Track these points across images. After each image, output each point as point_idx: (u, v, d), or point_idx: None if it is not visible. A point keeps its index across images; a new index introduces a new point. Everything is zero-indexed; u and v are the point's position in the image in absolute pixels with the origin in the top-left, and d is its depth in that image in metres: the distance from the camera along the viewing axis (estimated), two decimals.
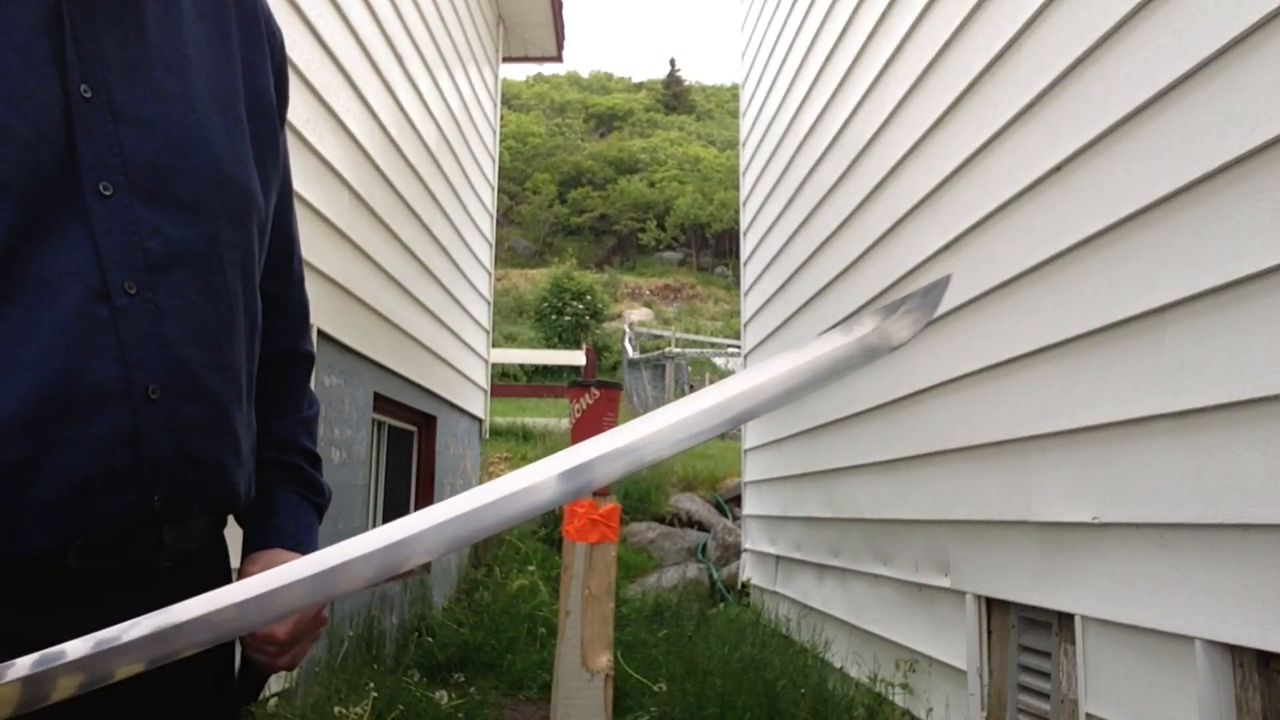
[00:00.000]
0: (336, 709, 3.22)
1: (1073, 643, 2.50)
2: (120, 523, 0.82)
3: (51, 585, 0.80)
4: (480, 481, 7.50)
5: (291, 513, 1.05)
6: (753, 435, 6.65)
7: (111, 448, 0.80)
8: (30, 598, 0.79)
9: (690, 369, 18.06)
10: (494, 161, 7.49)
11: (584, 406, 3.69)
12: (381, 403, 4.73)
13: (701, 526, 8.37)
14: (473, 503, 0.71)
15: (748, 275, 6.89)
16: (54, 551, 0.79)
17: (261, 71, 1.02)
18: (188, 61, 0.91)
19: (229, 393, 0.91)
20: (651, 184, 39.13)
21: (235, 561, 1.03)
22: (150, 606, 0.71)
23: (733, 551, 7.59)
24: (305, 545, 1.02)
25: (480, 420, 7.24)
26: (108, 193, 0.82)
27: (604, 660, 3.48)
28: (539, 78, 52.49)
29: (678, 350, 17.94)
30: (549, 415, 11.51)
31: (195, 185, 0.88)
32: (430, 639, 4.88)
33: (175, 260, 0.86)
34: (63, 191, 0.80)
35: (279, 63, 1.06)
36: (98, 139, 0.82)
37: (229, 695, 0.97)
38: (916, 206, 3.63)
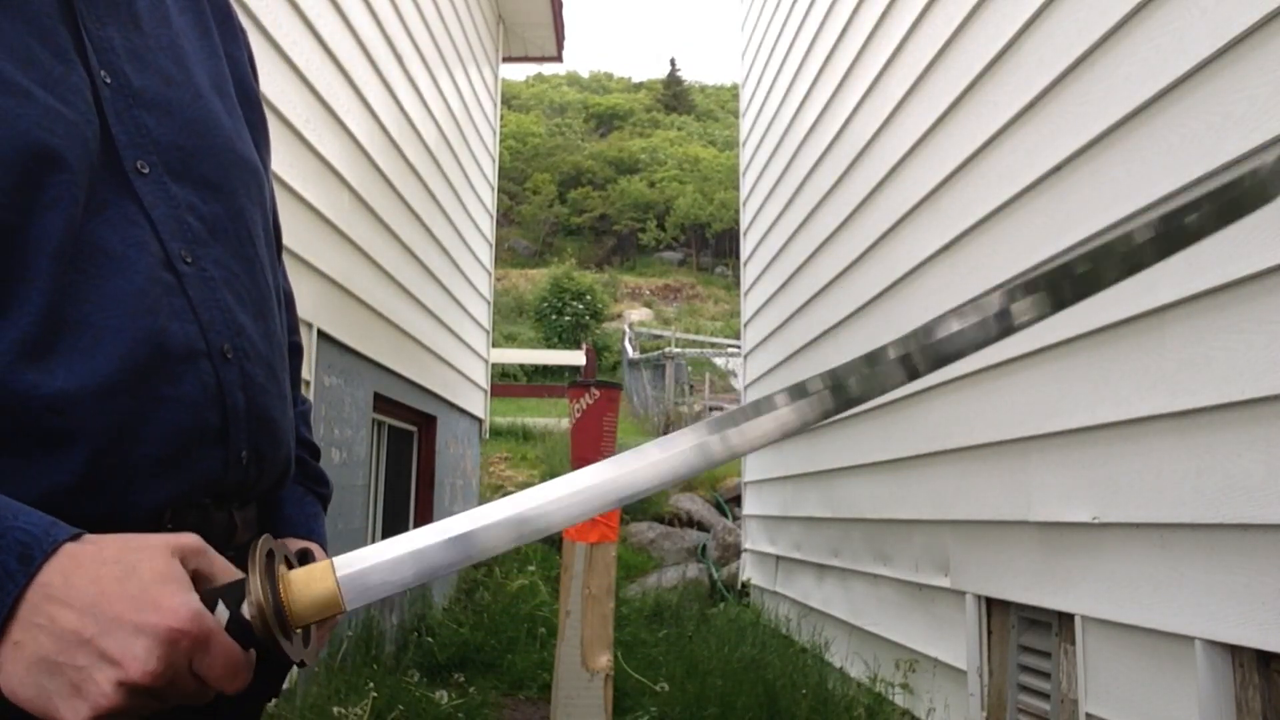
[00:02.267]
0: (336, 709, 3.23)
1: (1073, 643, 2.50)
2: (215, 483, 0.85)
3: None
4: (480, 482, 7.50)
5: (298, 503, 1.06)
6: None
7: (202, 404, 0.83)
8: None
9: (690, 369, 18.07)
10: (494, 161, 7.49)
11: (584, 406, 3.69)
12: (381, 403, 4.73)
13: (701, 526, 8.37)
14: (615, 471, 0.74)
15: (748, 275, 6.89)
16: (156, 521, 0.81)
17: (240, 62, 1.06)
18: (183, 52, 0.94)
19: (277, 359, 0.95)
20: (651, 184, 39.13)
21: None
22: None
23: (733, 551, 7.59)
24: (315, 534, 1.04)
25: (480, 420, 7.24)
26: (145, 170, 0.85)
27: (604, 660, 3.48)
28: (539, 78, 52.51)
29: (678, 350, 17.93)
30: (549, 415, 11.51)
31: (215, 165, 0.92)
32: (430, 639, 4.88)
33: (213, 234, 0.89)
34: (106, 169, 0.82)
35: (250, 57, 1.11)
36: (126, 121, 0.85)
37: (252, 690, 0.97)
38: (916, 206, 3.63)
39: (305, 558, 0.92)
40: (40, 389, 0.74)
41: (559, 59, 8.41)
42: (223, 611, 0.66)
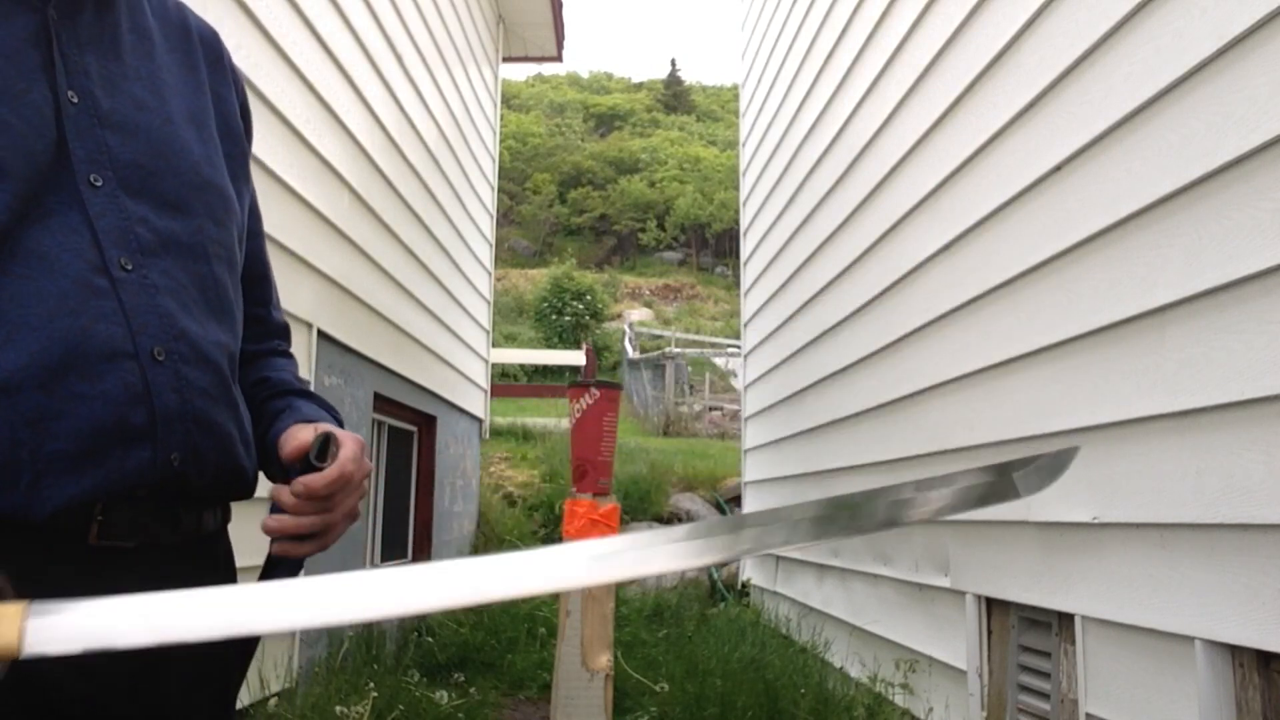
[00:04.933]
0: (337, 709, 3.22)
1: (1073, 643, 2.50)
2: (141, 482, 0.85)
3: (74, 565, 0.83)
4: (480, 481, 7.50)
5: (312, 405, 1.07)
6: (753, 435, 6.65)
7: (124, 402, 0.84)
8: (53, 577, 0.80)
9: (690, 369, 18.07)
10: (494, 161, 7.49)
11: (584, 406, 3.69)
12: (381, 403, 4.73)
13: None
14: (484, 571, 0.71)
15: (748, 275, 6.89)
16: (78, 516, 0.82)
17: (228, 101, 1.10)
18: (161, 83, 0.99)
19: (228, 368, 0.97)
20: (651, 184, 39.11)
21: (241, 560, 1.04)
22: (168, 587, 0.74)
23: None
24: (329, 420, 1.04)
25: (480, 420, 7.24)
26: (98, 184, 0.88)
27: (604, 660, 3.48)
28: (539, 78, 52.51)
29: (678, 350, 17.93)
30: (549, 415, 11.51)
31: (177, 185, 0.95)
32: (430, 639, 4.88)
33: (164, 247, 0.92)
34: (57, 181, 0.86)
35: (243, 100, 1.15)
36: (86, 139, 0.88)
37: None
38: (916, 206, 3.63)
39: (328, 443, 0.92)
40: None
41: (559, 59, 8.41)
42: None
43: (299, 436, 0.95)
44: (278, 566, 0.93)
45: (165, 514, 0.89)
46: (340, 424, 1.09)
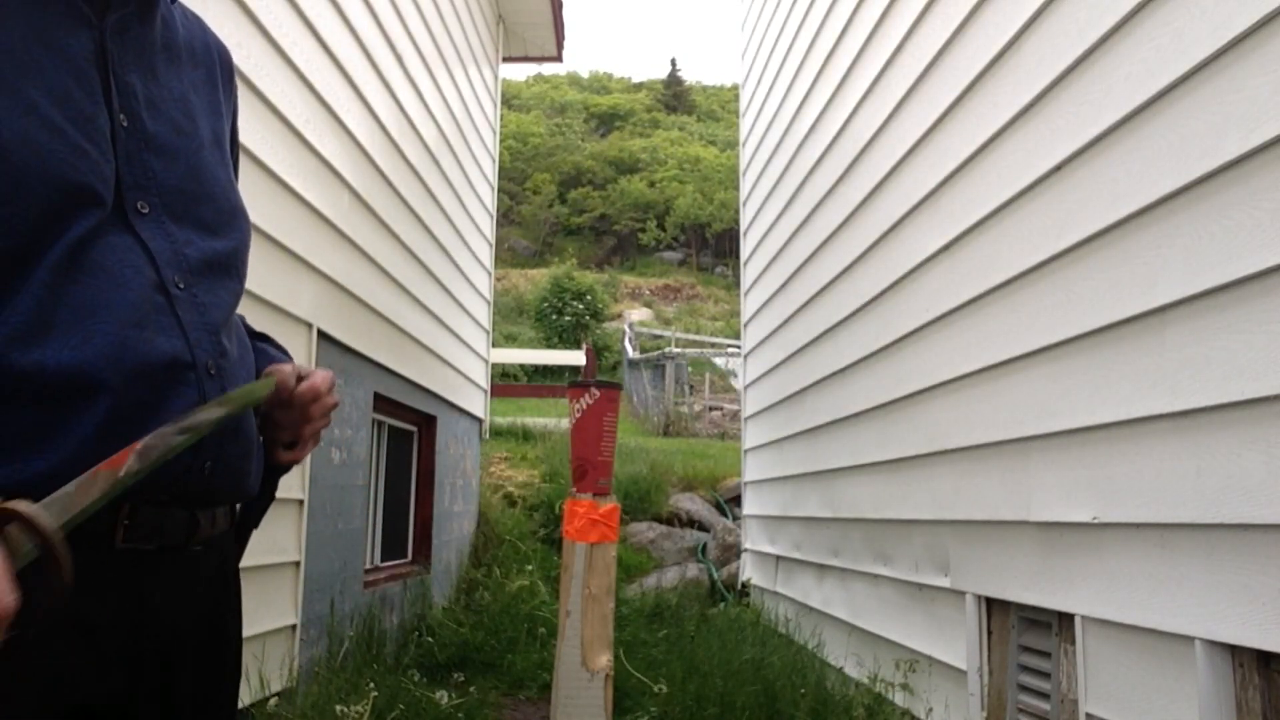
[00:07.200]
0: (337, 708, 3.22)
1: (1073, 643, 2.50)
2: (178, 488, 0.90)
3: (99, 566, 0.85)
4: (480, 481, 7.50)
5: (277, 350, 1.19)
6: (753, 435, 6.65)
7: (184, 411, 0.89)
8: (80, 581, 0.81)
9: (690, 369, 18.07)
10: (494, 161, 7.48)
11: (584, 406, 3.69)
12: (381, 403, 4.73)
13: (701, 526, 8.37)
14: None
15: (748, 275, 6.89)
16: (107, 518, 0.84)
17: (233, 116, 1.14)
18: (191, 105, 1.03)
19: (248, 382, 1.02)
20: (651, 184, 39.10)
21: (241, 560, 1.05)
22: (185, 587, 0.84)
23: (733, 551, 7.59)
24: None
25: (480, 420, 7.24)
26: (145, 210, 0.92)
27: (604, 660, 3.48)
28: (539, 78, 52.49)
29: (678, 350, 17.93)
30: (549, 415, 11.50)
31: (213, 211, 1.00)
32: (430, 639, 4.87)
33: (208, 268, 0.97)
34: (112, 205, 0.90)
35: (236, 108, 1.19)
36: (134, 163, 0.92)
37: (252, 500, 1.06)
38: (916, 206, 3.63)
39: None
40: (42, 364, 0.79)
41: (559, 59, 8.41)
42: None
43: (281, 369, 1.06)
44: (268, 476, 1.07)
45: (185, 517, 0.93)
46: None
